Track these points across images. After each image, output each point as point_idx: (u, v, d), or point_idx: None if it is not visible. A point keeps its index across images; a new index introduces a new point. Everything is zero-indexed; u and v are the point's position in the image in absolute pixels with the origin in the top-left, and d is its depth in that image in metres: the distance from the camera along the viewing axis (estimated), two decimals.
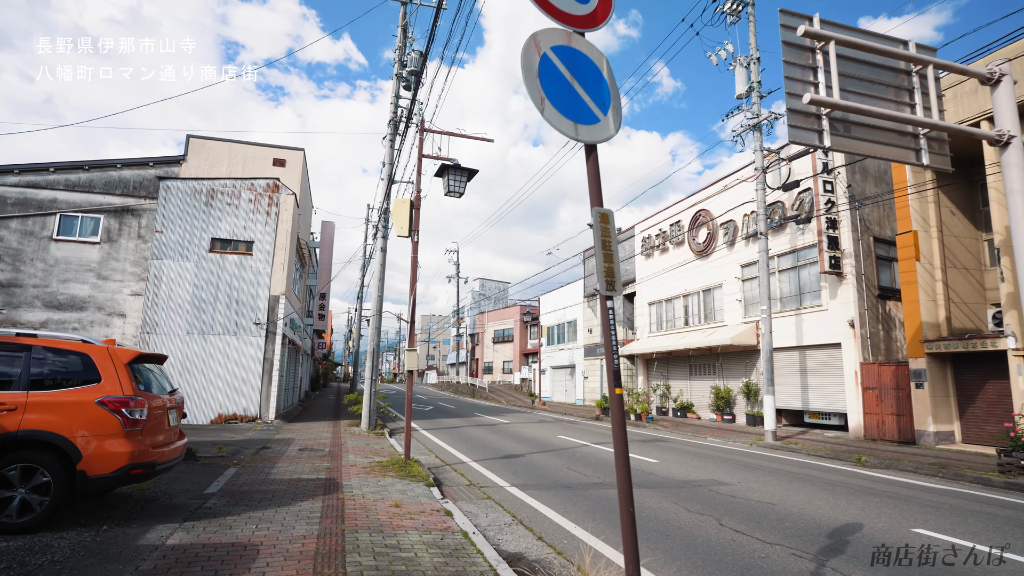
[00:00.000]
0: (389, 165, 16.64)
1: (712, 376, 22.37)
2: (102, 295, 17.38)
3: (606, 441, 14.62)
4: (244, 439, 12.61)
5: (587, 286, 33.83)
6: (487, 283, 67.99)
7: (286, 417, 18.19)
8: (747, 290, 20.58)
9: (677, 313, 24.88)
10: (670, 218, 25.36)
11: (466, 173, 10.49)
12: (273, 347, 17.18)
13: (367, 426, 15.47)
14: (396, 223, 10.10)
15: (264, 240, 17.65)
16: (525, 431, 17.13)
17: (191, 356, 16.44)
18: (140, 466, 5.19)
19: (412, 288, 10.07)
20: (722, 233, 21.74)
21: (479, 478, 9.07)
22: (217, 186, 17.61)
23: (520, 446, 13.36)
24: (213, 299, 16.93)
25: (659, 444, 14.35)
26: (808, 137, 9.31)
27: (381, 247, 16.38)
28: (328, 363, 59.00)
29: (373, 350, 16.08)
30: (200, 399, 16.28)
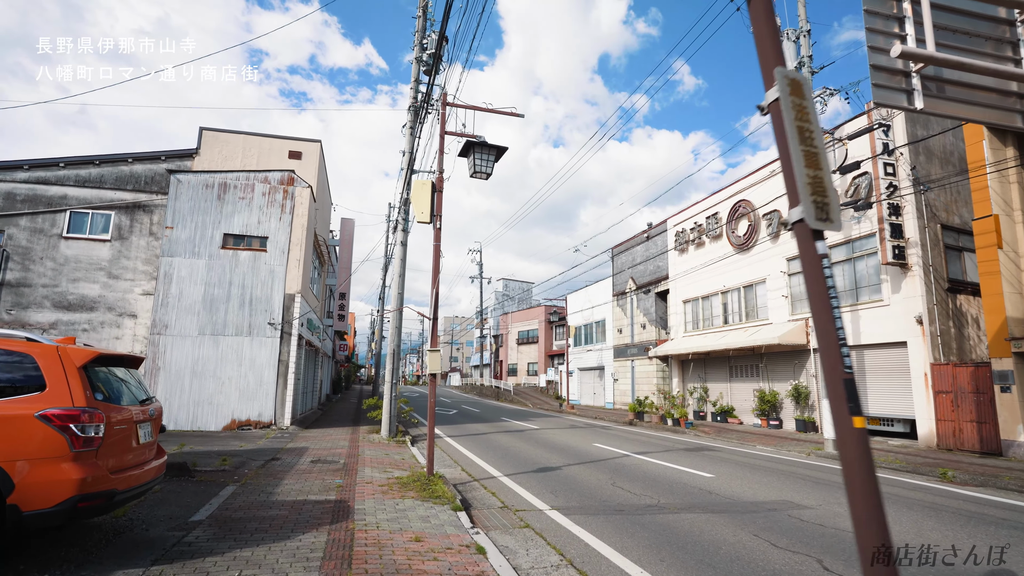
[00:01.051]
0: (409, 154, 15.56)
1: (755, 378, 20.84)
2: (113, 295, 16.64)
3: (648, 451, 13.29)
4: (253, 448, 11.61)
5: (616, 284, 32.41)
6: (511, 283, 66.84)
7: (303, 423, 17.24)
8: (794, 285, 19.02)
9: (715, 311, 23.37)
10: (706, 210, 23.86)
11: (494, 151, 9.32)
12: (288, 348, 16.23)
13: (387, 433, 14.40)
14: (416, 207, 8.98)
15: (279, 235, 16.73)
16: (557, 438, 15.88)
17: (202, 358, 15.57)
18: (93, 497, 4.10)
19: (435, 280, 8.94)
20: (765, 224, 20.21)
21: (513, 498, 7.86)
22: (230, 179, 16.75)
23: (554, 456, 12.12)
24: (225, 298, 16.05)
25: (707, 454, 12.99)
26: (895, 98, 7.87)
27: (401, 241, 15.30)
28: (351, 365, 58.49)
29: (393, 352, 15.01)
30: (211, 404, 15.39)
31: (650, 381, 27.97)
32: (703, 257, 23.82)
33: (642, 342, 29.01)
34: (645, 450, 13.40)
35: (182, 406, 15.20)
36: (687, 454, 12.89)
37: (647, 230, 29.44)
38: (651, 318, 28.52)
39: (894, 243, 14.64)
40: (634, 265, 30.42)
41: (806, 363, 18.30)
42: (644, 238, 29.44)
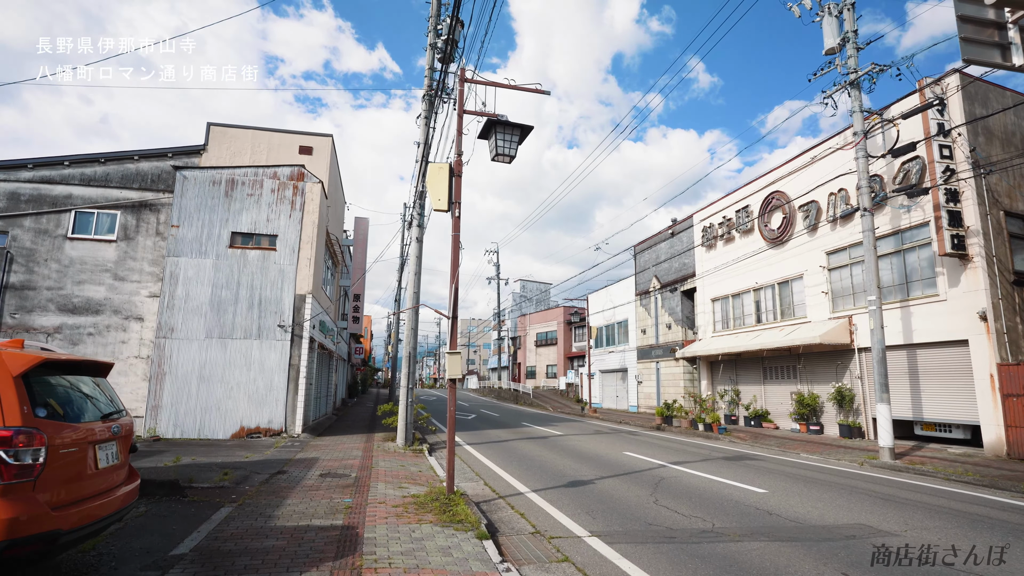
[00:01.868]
0: (424, 145, 14.71)
1: (792, 380, 19.61)
2: (119, 297, 16.01)
3: (685, 460, 12.23)
4: (259, 460, 10.78)
5: (639, 283, 31.28)
6: (528, 284, 65.84)
7: (315, 430, 16.43)
8: (835, 280, 17.79)
9: (747, 309, 22.16)
10: (736, 203, 22.68)
11: (517, 131, 8.38)
12: (299, 352, 15.43)
13: (403, 442, 13.51)
14: (433, 194, 8.07)
15: (289, 233, 15.97)
16: (584, 446, 14.87)
17: (210, 363, 14.84)
18: (26, 542, 3.23)
19: (454, 274, 8.01)
20: (801, 217, 19.00)
21: (545, 521, 6.89)
22: (237, 175, 16.03)
23: (584, 467, 11.12)
24: (233, 299, 15.31)
25: (750, 464, 11.89)
26: (986, 54, 6.75)
27: (417, 237, 14.43)
28: (367, 369, 57.96)
29: (409, 354, 14.12)
30: (219, 411, 14.64)
31: (677, 383, 26.79)
32: (733, 253, 22.62)
33: (667, 343, 27.84)
34: (682, 459, 12.34)
35: (189, 413, 14.47)
36: (728, 464, 11.80)
37: (671, 226, 28.28)
38: (677, 318, 27.35)
39: (952, 232, 13.39)
40: (658, 263, 29.27)
41: (849, 363, 17.05)
42: (668, 235, 28.28)
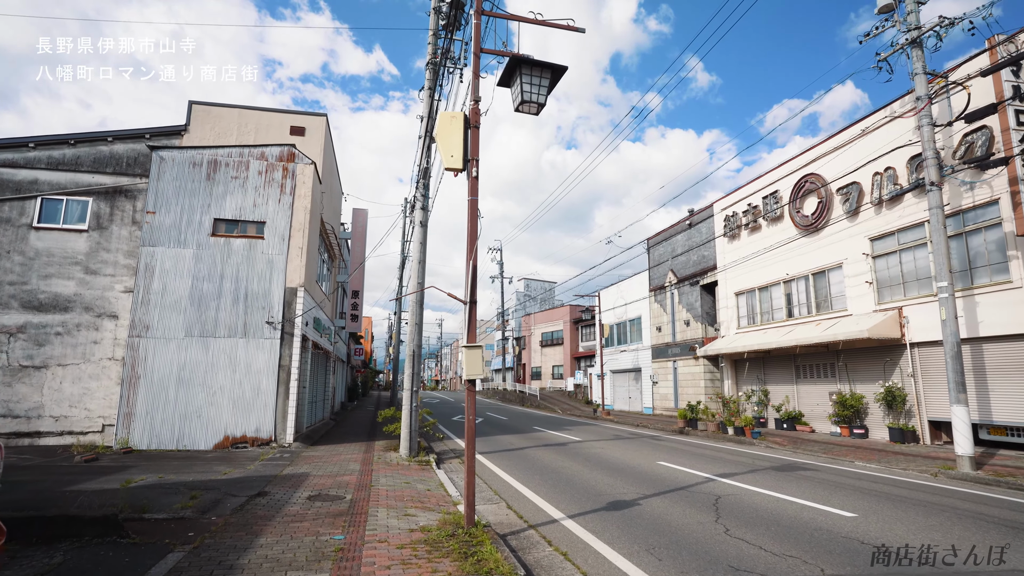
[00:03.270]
0: (427, 119, 13.13)
1: (830, 379, 17.98)
2: (90, 293, 14.42)
3: (732, 472, 10.60)
4: (240, 476, 9.17)
5: (653, 278, 29.66)
6: (532, 283, 64.20)
7: (309, 438, 14.81)
8: (880, 269, 16.16)
9: (776, 303, 20.53)
10: (762, 190, 21.07)
11: (547, 73, 6.81)
12: (290, 351, 13.83)
13: (407, 452, 11.90)
14: (444, 149, 6.50)
15: (278, 220, 14.37)
16: (609, 454, 13.25)
17: (190, 364, 13.23)
18: None
19: (471, 250, 6.43)
20: (840, 200, 17.38)
21: (598, 564, 5.27)
22: (220, 156, 14.44)
23: (620, 482, 9.50)
24: (216, 293, 13.71)
25: (807, 476, 10.27)
26: None
27: (421, 221, 12.84)
28: (368, 371, 56.34)
29: (413, 353, 12.52)
30: (200, 418, 13.03)
31: (696, 384, 25.15)
32: (760, 243, 21.01)
33: (686, 340, 26.21)
34: (727, 471, 10.72)
35: (166, 421, 12.86)
36: (783, 476, 10.19)
37: (688, 217, 26.67)
38: (696, 314, 25.72)
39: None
40: (674, 256, 27.65)
41: (899, 360, 15.42)
42: (685, 226, 26.67)
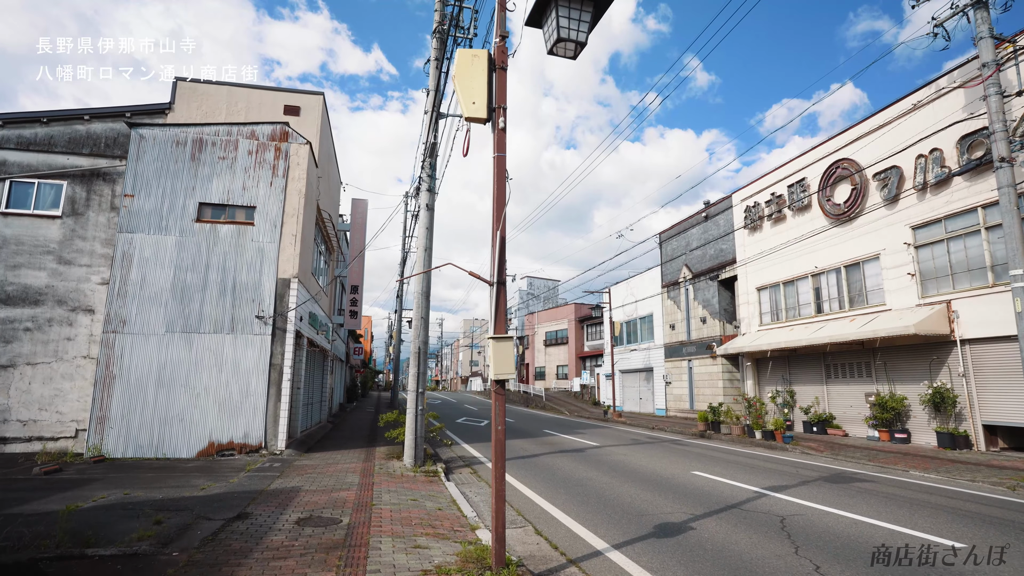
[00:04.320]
0: (434, 93, 11.89)
1: (865, 379, 16.72)
2: (64, 285, 13.16)
3: (782, 485, 9.34)
4: (219, 492, 7.90)
5: (666, 273, 28.40)
6: (536, 281, 62.93)
7: (303, 444, 13.53)
8: (924, 260, 14.91)
9: (803, 298, 19.27)
10: (787, 178, 19.81)
11: (590, 5, 5.56)
12: (283, 348, 12.57)
13: (412, 461, 10.63)
14: (464, 95, 5.25)
15: (269, 204, 13.11)
16: (635, 461, 11.98)
17: (171, 363, 11.97)
18: None
19: (498, 220, 5.18)
20: (877, 186, 16.13)
21: None
22: (207, 135, 13.17)
23: (659, 498, 8.23)
24: (201, 285, 12.45)
25: (869, 489, 9.00)
26: None
27: (427, 204, 11.57)
28: (367, 371, 55.07)
29: (419, 351, 11.25)
30: (183, 423, 11.76)
31: (714, 384, 23.89)
32: (784, 234, 19.76)
33: (702, 339, 24.95)
34: (775, 483, 9.46)
35: (144, 426, 11.59)
36: (842, 490, 8.92)
37: (704, 209, 25.41)
38: (713, 310, 24.46)
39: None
40: (689, 251, 26.39)
41: (947, 358, 14.17)
42: (701, 218, 25.40)
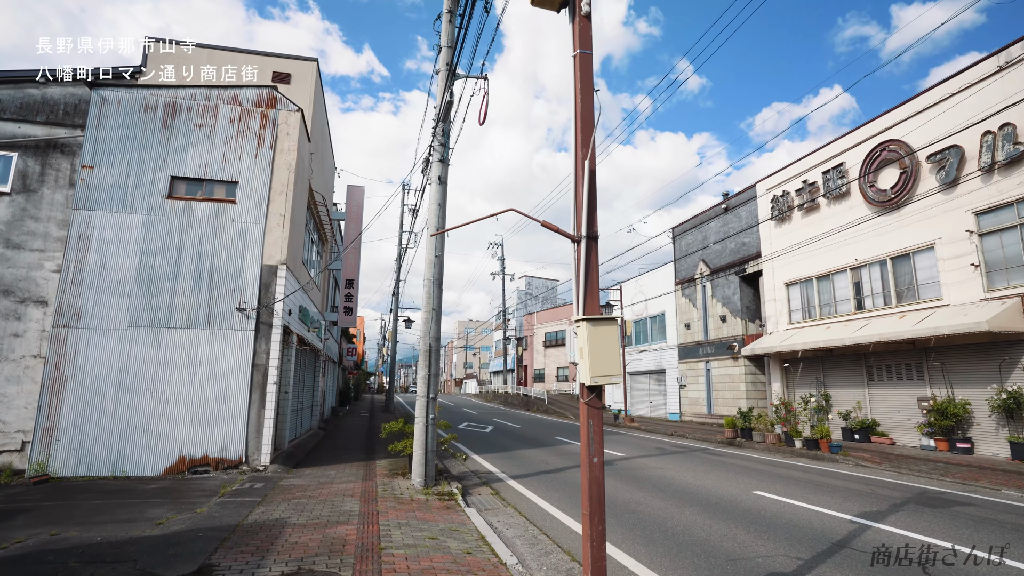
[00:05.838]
0: (448, 49, 10.20)
1: (916, 381, 15.15)
2: (11, 272, 11.29)
3: (876, 510, 7.67)
4: (179, 530, 6.11)
5: (680, 270, 26.79)
6: (534, 281, 61.24)
7: (291, 457, 11.72)
8: (990, 248, 13.36)
9: (840, 294, 17.70)
10: (821, 164, 18.25)
11: None
12: (268, 346, 10.78)
13: (421, 480, 8.88)
14: None
15: (254, 180, 11.33)
16: (679, 478, 10.28)
17: (135, 363, 10.15)
18: None
19: (586, 141, 3.53)
20: (932, 169, 14.58)
21: None
22: (181, 99, 11.38)
23: (743, 533, 6.52)
24: (172, 272, 10.64)
25: (981, 517, 7.35)
26: None
27: (439, 176, 9.84)
28: (360, 373, 53.10)
29: (430, 348, 9.50)
30: (148, 434, 9.94)
31: (736, 387, 22.28)
32: (818, 225, 18.19)
33: (722, 338, 23.34)
34: (865, 508, 7.80)
35: (100, 438, 9.76)
36: (951, 517, 7.27)
37: (723, 201, 23.83)
38: (734, 308, 22.86)
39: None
40: (705, 246, 24.79)
41: (1021, 358, 12.62)
42: (721, 210, 23.81)
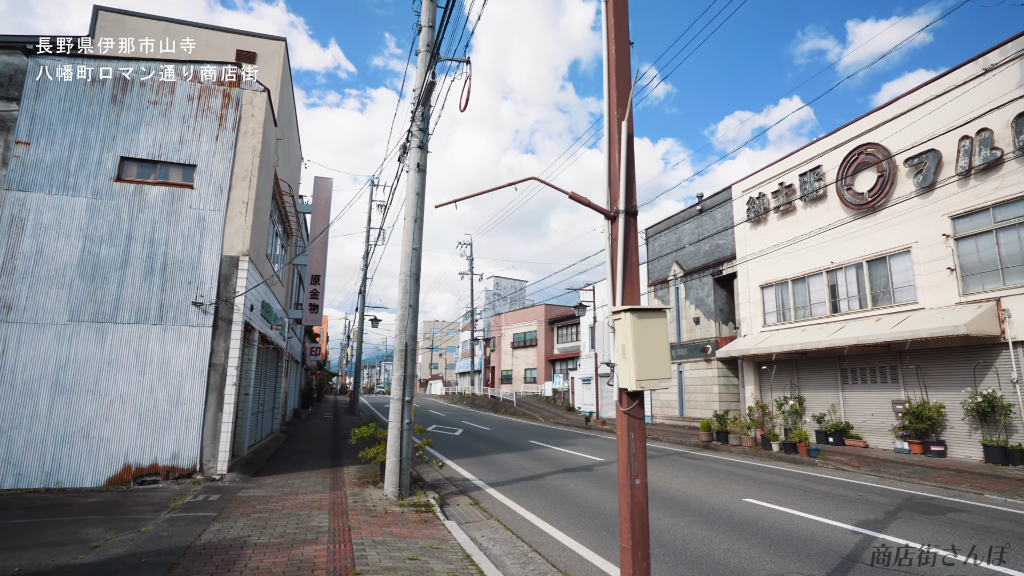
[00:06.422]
0: (429, 29, 9.56)
1: (891, 385, 15.20)
2: None
3: (873, 519, 7.38)
4: (116, 555, 5.30)
5: (653, 271, 26.65)
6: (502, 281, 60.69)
7: (251, 464, 10.84)
8: (966, 253, 13.45)
9: (815, 296, 17.72)
10: (798, 166, 18.27)
11: None
12: (227, 344, 9.91)
13: (395, 490, 8.22)
14: None
15: (214, 163, 10.43)
16: (666, 484, 9.86)
17: (76, 361, 9.16)
18: None
19: (622, 94, 2.99)
20: (909, 173, 14.65)
21: None
22: (132, 72, 10.40)
23: (745, 547, 6.09)
24: (120, 262, 9.68)
25: (973, 524, 7.13)
26: None
27: (418, 163, 9.18)
28: (323, 373, 51.59)
29: (405, 348, 8.82)
30: (89, 440, 8.97)
31: (709, 390, 22.20)
32: (794, 227, 18.20)
33: (695, 341, 23.24)
34: (862, 517, 7.50)
35: (32, 445, 8.75)
36: (948, 526, 7.02)
37: (699, 202, 23.77)
38: (708, 311, 22.79)
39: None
40: (679, 248, 24.70)
41: (995, 362, 12.71)
42: (695, 212, 23.74)
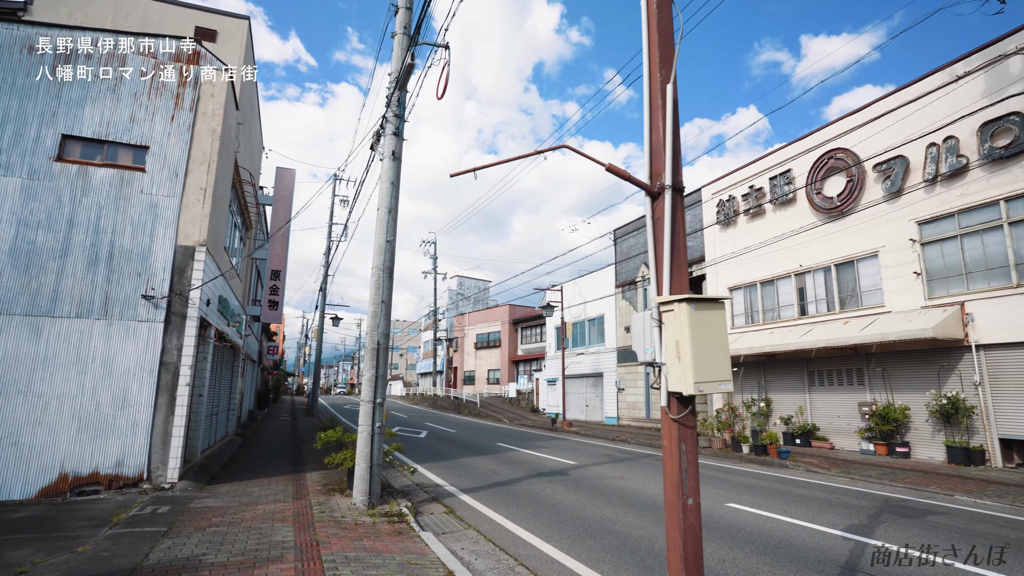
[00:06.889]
0: (406, 10, 9.09)
1: (857, 387, 15.42)
2: None
3: (859, 523, 7.26)
4: None
5: (621, 272, 26.63)
6: (466, 281, 60.05)
7: (205, 470, 10.05)
8: (932, 257, 13.73)
9: (784, 299, 17.90)
10: (769, 170, 18.44)
11: None
12: (180, 341, 9.14)
13: (365, 498, 7.67)
14: None
15: (169, 146, 9.63)
16: (643, 488, 9.61)
17: (5, 359, 8.25)
18: None
19: (666, 57, 2.63)
20: (877, 178, 14.90)
21: None
22: (77, 43, 9.50)
23: (740, 556, 5.83)
24: (60, 249, 8.80)
25: (956, 528, 7.10)
26: None
27: (393, 150, 8.64)
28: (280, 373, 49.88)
29: (377, 346, 8.27)
30: (18, 447, 8.08)
31: None
32: (764, 230, 18.36)
33: None
34: (847, 521, 7.38)
35: None
36: (930, 528, 6.96)
37: None
38: None
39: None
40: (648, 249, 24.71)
41: (958, 365, 12.99)
42: None
